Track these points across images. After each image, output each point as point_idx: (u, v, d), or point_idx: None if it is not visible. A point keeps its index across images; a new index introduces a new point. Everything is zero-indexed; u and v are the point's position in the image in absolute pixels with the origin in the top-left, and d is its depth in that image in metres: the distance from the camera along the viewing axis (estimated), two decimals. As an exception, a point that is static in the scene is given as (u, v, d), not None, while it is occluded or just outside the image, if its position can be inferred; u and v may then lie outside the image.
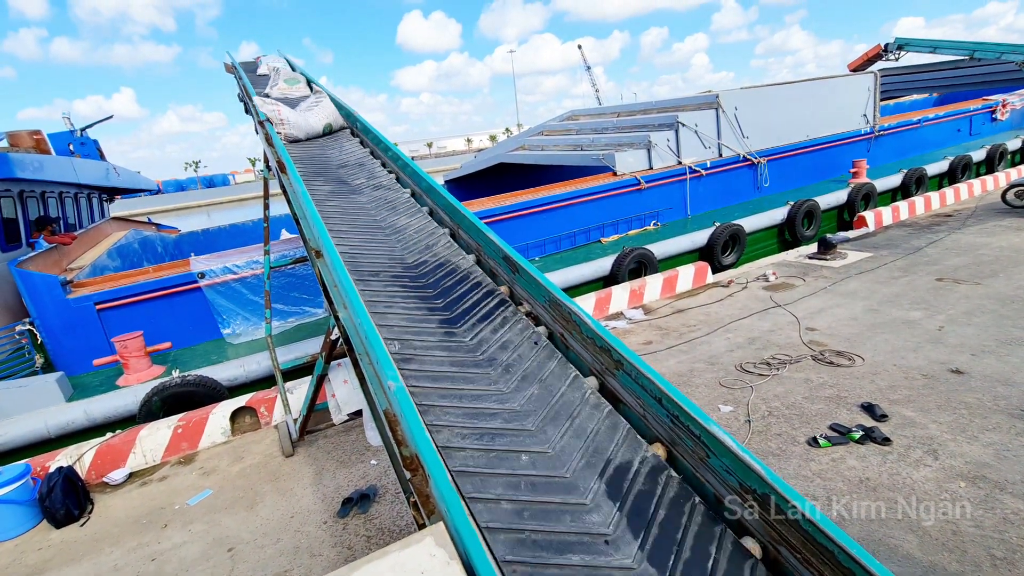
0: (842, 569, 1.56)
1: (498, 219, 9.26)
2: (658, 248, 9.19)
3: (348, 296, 2.57)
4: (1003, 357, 5.27)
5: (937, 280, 7.54)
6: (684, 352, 6.36)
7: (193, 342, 7.56)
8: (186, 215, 48.99)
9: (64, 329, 6.84)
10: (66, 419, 5.78)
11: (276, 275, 7.49)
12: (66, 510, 4.58)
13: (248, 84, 7.73)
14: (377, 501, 4.37)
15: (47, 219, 9.51)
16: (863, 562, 1.51)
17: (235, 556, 3.96)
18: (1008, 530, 3.29)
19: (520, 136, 16.07)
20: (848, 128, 13.61)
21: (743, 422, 4.76)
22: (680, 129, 10.99)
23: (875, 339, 6.00)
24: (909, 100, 22.85)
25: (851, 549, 1.53)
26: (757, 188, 12.12)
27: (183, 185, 70.54)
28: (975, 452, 4.01)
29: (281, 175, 4.53)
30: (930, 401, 4.71)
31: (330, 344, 4.57)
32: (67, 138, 12.11)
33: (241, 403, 5.82)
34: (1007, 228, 9.57)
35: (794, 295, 7.66)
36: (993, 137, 16.65)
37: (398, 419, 1.91)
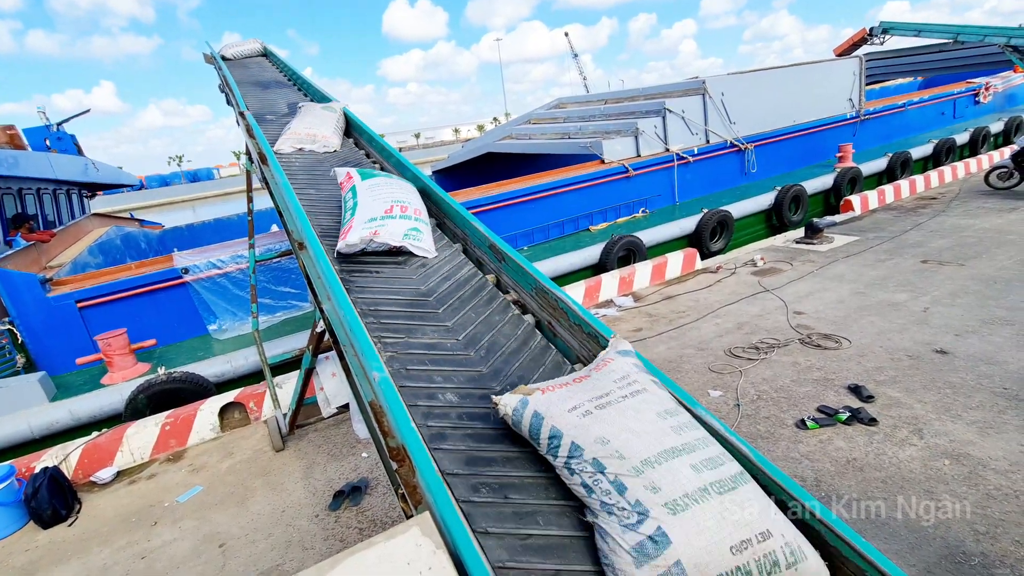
0: (829, 548, 1.57)
1: (486, 209, 9.19)
2: (647, 235, 9.19)
3: (331, 288, 2.53)
4: (986, 337, 5.35)
5: (922, 262, 7.63)
6: (674, 338, 6.39)
7: (179, 339, 7.46)
8: (170, 210, 48.23)
9: (45, 328, 6.71)
10: (50, 419, 5.69)
11: (263, 269, 7.40)
12: (53, 510, 4.52)
13: (229, 75, 7.57)
14: (369, 493, 4.36)
15: (24, 216, 9.31)
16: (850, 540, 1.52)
17: (226, 552, 3.94)
18: (990, 505, 3.35)
19: (508, 125, 15.95)
20: (834, 113, 13.67)
21: (732, 406, 4.80)
22: (667, 116, 10.96)
23: (861, 321, 6.06)
24: (894, 84, 22.98)
25: (838, 528, 1.54)
26: (744, 174, 12.15)
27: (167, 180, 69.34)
28: (959, 430, 4.07)
29: (263, 167, 4.44)
30: (915, 381, 4.78)
31: (317, 338, 4.53)
32: (43, 133, 11.84)
33: (229, 399, 5.76)
34: (990, 210, 9.69)
35: (782, 280, 7.71)
36: (976, 120, 16.81)
37: (383, 410, 1.88)
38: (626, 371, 1.91)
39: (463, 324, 2.73)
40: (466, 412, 2.12)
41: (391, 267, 3.24)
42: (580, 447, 1.64)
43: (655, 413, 1.72)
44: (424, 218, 3.50)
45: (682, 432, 1.67)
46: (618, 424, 1.66)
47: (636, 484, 1.51)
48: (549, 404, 1.78)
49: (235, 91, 6.49)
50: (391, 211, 3.29)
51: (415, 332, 2.62)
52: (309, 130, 5.18)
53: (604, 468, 1.57)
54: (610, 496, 1.54)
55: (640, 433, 1.63)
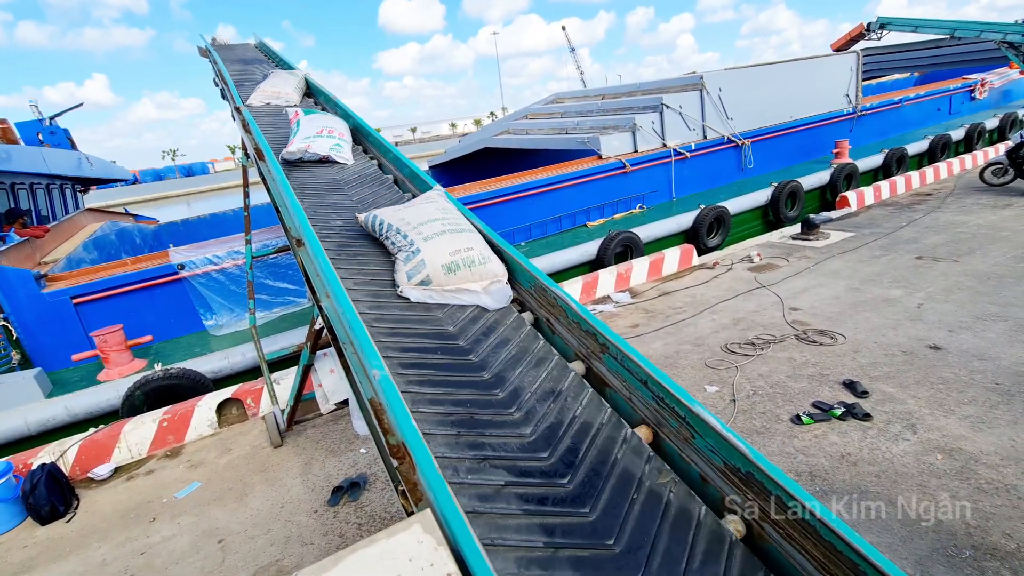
0: (823, 543, 1.59)
1: (483, 204, 9.19)
2: (644, 231, 9.21)
3: (330, 285, 2.53)
4: (979, 332, 5.40)
5: (917, 258, 7.68)
6: (670, 334, 6.42)
7: (175, 335, 7.45)
8: (165, 205, 47.90)
9: (40, 324, 6.68)
10: (46, 415, 5.67)
11: (259, 265, 7.38)
12: (51, 507, 4.52)
13: (224, 68, 7.51)
14: (368, 489, 4.38)
15: (18, 211, 9.24)
16: (843, 534, 1.54)
17: (225, 547, 3.95)
18: (982, 499, 3.40)
19: (505, 120, 15.91)
20: (831, 108, 13.69)
21: (728, 402, 4.84)
22: (665, 111, 10.96)
23: (856, 317, 6.11)
24: (891, 80, 23.02)
25: (832, 523, 1.57)
26: (741, 170, 12.17)
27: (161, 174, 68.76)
28: (952, 425, 4.12)
29: (259, 162, 4.43)
30: (909, 377, 4.83)
31: (315, 334, 4.53)
32: (36, 127, 11.73)
33: (227, 395, 5.76)
34: (985, 206, 9.75)
35: (778, 275, 7.75)
36: (972, 116, 16.87)
37: (383, 407, 1.89)
38: (430, 195, 3.50)
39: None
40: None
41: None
42: (391, 224, 3.10)
43: (434, 208, 3.24)
44: (346, 139, 4.94)
45: (445, 214, 3.16)
46: (410, 212, 3.19)
47: (412, 233, 2.98)
48: (382, 211, 3.27)
49: (230, 85, 6.45)
50: (320, 133, 4.80)
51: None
52: (275, 88, 6.52)
53: (399, 230, 3.04)
54: (400, 241, 3.00)
55: (420, 215, 3.13)
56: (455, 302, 2.85)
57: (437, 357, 2.47)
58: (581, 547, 1.69)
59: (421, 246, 2.88)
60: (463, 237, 3.00)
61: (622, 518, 1.78)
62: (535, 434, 2.10)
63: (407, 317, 2.72)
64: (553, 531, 1.73)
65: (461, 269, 2.86)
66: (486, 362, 2.47)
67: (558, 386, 2.34)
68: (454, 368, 2.42)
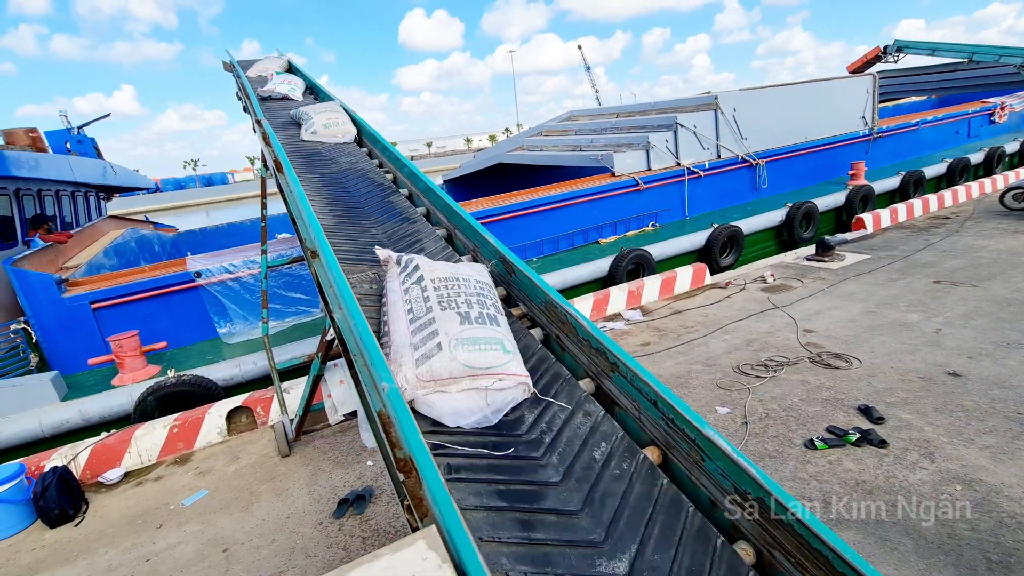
0: (836, 573, 1.55)
1: (496, 219, 9.25)
2: (656, 249, 9.19)
3: (343, 297, 2.56)
4: (1000, 360, 5.27)
5: (934, 282, 7.55)
6: (682, 354, 6.36)
7: (189, 342, 7.54)
8: (184, 214, 48.89)
9: (59, 328, 6.81)
10: (61, 418, 5.76)
11: (274, 275, 7.47)
12: (60, 510, 4.56)
13: (247, 83, 7.72)
14: (373, 502, 4.36)
15: (43, 217, 9.48)
16: (857, 566, 1.50)
17: (230, 557, 3.95)
18: (1004, 533, 3.29)
19: (519, 136, 16.06)
20: (847, 130, 13.63)
21: (740, 424, 4.76)
22: (679, 130, 11.00)
23: (872, 341, 6.00)
24: (908, 102, 22.88)
25: (845, 553, 1.53)
26: (755, 189, 12.12)
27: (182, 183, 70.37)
28: (971, 455, 4.01)
29: (278, 175, 4.52)
30: (927, 404, 4.71)
31: (326, 344, 4.56)
32: (64, 136, 12.07)
33: (237, 403, 5.80)
34: (1005, 231, 9.59)
35: (792, 297, 7.66)
36: (992, 140, 16.68)
37: (392, 420, 1.89)
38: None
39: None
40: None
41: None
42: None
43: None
44: (299, 86, 7.47)
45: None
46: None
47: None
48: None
49: (252, 99, 6.63)
50: (283, 82, 7.98)
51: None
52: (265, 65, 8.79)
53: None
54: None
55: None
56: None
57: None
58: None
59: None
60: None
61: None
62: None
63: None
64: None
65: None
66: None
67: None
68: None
